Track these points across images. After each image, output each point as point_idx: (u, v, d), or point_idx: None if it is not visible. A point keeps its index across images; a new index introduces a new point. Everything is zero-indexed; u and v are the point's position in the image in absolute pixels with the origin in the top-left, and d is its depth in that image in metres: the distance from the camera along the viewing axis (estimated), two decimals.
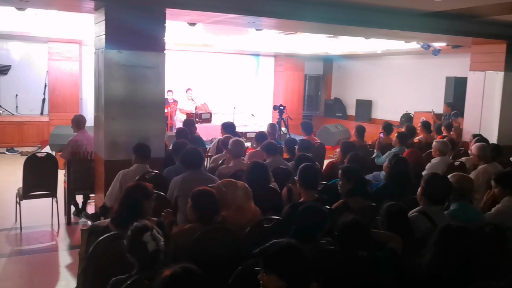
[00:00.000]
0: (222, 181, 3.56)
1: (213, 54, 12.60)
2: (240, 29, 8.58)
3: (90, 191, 6.06)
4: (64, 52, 10.99)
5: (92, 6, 5.53)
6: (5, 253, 4.97)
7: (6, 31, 9.62)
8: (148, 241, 2.39)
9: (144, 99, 5.53)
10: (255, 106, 13.54)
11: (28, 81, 11.14)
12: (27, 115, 11.04)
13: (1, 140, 10.61)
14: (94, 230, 3.20)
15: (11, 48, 11.12)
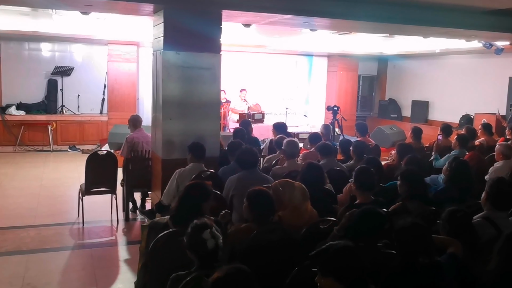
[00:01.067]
0: (279, 181, 3.57)
1: (266, 54, 12.63)
2: (294, 29, 8.58)
3: (147, 188, 6.24)
4: (123, 54, 11.38)
5: (151, 9, 5.70)
6: (69, 246, 5.21)
7: (70, 35, 10.07)
8: (208, 239, 2.44)
9: (200, 99, 5.64)
10: (307, 107, 13.48)
11: (89, 82, 11.62)
12: (88, 114, 11.52)
13: (64, 138, 11.14)
14: (154, 226, 3.29)
15: (74, 50, 11.64)
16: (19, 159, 9.93)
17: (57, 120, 11.05)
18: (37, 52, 11.39)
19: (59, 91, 11.36)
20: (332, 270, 2.18)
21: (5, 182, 7.86)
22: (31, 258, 4.77)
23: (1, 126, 10.54)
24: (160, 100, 5.64)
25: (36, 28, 9.68)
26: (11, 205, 6.60)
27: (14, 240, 5.25)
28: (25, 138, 10.81)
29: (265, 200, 3.31)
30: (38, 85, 11.29)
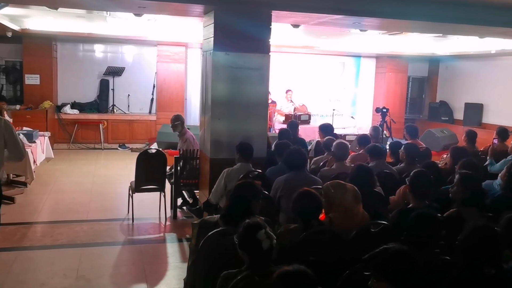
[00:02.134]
0: (331, 182, 3.52)
1: (313, 55, 12.54)
2: (342, 30, 8.48)
3: (195, 187, 6.33)
4: (172, 55, 11.61)
5: (202, 10, 5.77)
6: (119, 241, 5.36)
7: (122, 36, 10.38)
8: (263, 239, 2.43)
9: (248, 100, 5.67)
10: (354, 108, 13.28)
11: (139, 82, 11.91)
12: (137, 114, 11.82)
13: (114, 137, 11.48)
14: (204, 225, 3.33)
15: (125, 51, 11.97)
16: (73, 156, 10.32)
17: (108, 119, 11.41)
18: (91, 53, 11.80)
19: (111, 91, 11.71)
20: (387, 274, 2.12)
21: (60, 178, 8.17)
22: (84, 252, 4.93)
23: (57, 124, 10.99)
24: (209, 100, 5.71)
25: (91, 30, 10.06)
26: (65, 200, 6.86)
27: (69, 234, 5.45)
28: (78, 136, 11.22)
29: (313, 201, 3.28)
30: (91, 85, 11.69)
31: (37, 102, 10.86)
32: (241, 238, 2.55)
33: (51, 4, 6.31)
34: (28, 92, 11.04)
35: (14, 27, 9.17)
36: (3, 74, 11.38)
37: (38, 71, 11.03)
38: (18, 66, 11.44)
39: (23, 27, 9.77)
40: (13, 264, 4.53)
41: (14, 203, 6.50)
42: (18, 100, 11.25)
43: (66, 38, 10.97)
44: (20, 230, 5.49)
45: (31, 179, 6.63)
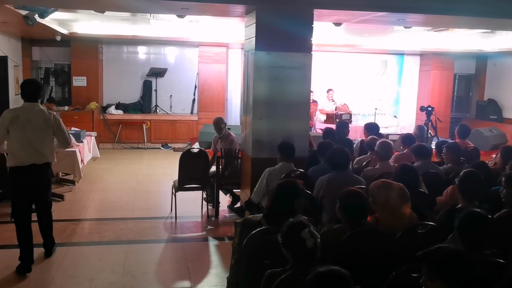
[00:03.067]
0: (376, 182, 3.47)
1: (354, 54, 12.38)
2: (386, 27, 8.31)
3: (236, 186, 6.37)
4: (213, 55, 11.73)
5: (243, 10, 5.80)
6: (163, 239, 5.47)
7: (165, 38, 10.59)
8: (307, 238, 2.42)
9: (290, 99, 5.66)
10: (397, 107, 13.01)
11: (181, 83, 12.11)
12: (179, 114, 12.01)
13: (157, 136, 11.72)
14: (247, 223, 3.35)
15: (168, 52, 12.20)
16: (117, 155, 10.60)
17: (151, 119, 11.67)
18: (134, 55, 12.09)
19: (153, 92, 11.96)
20: (442, 273, 2.06)
21: (106, 176, 8.42)
22: (130, 248, 5.06)
23: (102, 125, 11.32)
24: (250, 100, 5.73)
25: (135, 32, 10.31)
26: (111, 198, 7.06)
27: (115, 231, 5.60)
28: (122, 136, 11.53)
29: (358, 201, 3.23)
30: (134, 86, 11.99)
31: (84, 103, 11.24)
32: (285, 237, 2.54)
33: (98, 8, 6.51)
34: (75, 93, 11.43)
35: (63, 31, 9.52)
36: (53, 77, 11.83)
37: (85, 73, 11.41)
38: (66, 69, 11.87)
39: (71, 30, 10.14)
40: (64, 259, 4.70)
41: (64, 201, 6.75)
42: (66, 101, 11.66)
43: (111, 40, 11.31)
44: (70, 227, 5.69)
45: (79, 177, 6.86)
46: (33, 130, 4.43)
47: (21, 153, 4.42)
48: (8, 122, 4.37)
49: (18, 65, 10.62)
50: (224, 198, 6.61)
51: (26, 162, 4.43)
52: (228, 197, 6.64)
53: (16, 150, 4.43)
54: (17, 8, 6.25)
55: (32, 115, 4.43)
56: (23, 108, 4.49)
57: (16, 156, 4.44)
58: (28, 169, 4.44)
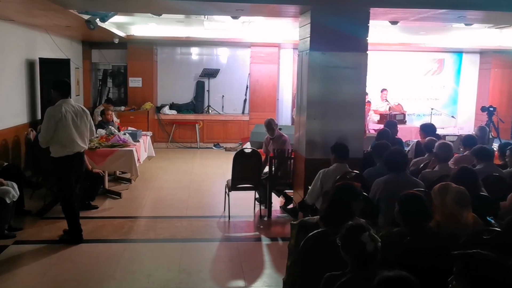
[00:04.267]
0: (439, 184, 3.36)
1: (410, 52, 12.05)
2: (444, 25, 8.04)
3: (288, 187, 6.36)
4: (265, 55, 11.77)
5: (298, 10, 5.78)
6: (217, 238, 5.54)
7: (218, 39, 10.73)
8: (367, 242, 2.38)
9: (344, 99, 5.59)
10: (454, 107, 12.55)
11: (232, 83, 12.23)
12: (231, 114, 12.13)
13: (209, 136, 11.90)
14: (303, 225, 3.32)
15: (220, 53, 12.36)
16: (171, 154, 10.85)
17: (203, 120, 11.86)
18: (188, 56, 12.34)
19: (206, 92, 12.15)
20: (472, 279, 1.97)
21: (160, 175, 8.63)
22: (185, 246, 5.16)
23: (156, 124, 11.62)
24: (304, 100, 5.71)
25: (189, 34, 10.51)
26: (166, 196, 7.22)
27: (170, 228, 5.72)
28: (176, 135, 11.78)
29: (418, 204, 3.13)
30: (187, 87, 12.23)
31: (139, 104, 11.57)
32: (344, 240, 2.50)
33: (155, 12, 6.68)
34: (131, 94, 11.80)
35: (121, 34, 9.85)
36: (110, 78, 12.27)
37: (140, 74, 11.75)
38: (122, 70, 12.28)
39: (128, 33, 10.48)
40: (122, 255, 4.86)
41: (121, 198, 6.97)
42: (122, 101, 12.06)
43: (165, 42, 11.59)
44: (127, 224, 5.87)
45: (136, 176, 7.05)
46: (78, 123, 5.11)
47: (70, 143, 5.04)
48: (58, 118, 4.93)
49: (78, 67, 11.08)
50: (276, 198, 6.61)
51: (73, 151, 5.08)
52: (281, 198, 6.63)
53: (66, 142, 5.02)
54: (80, 13, 6.51)
55: (74, 110, 5.10)
56: (66, 104, 5.04)
57: (66, 147, 5.03)
58: (73, 157, 5.09)
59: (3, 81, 7.21)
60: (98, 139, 7.24)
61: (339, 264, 2.62)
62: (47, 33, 8.93)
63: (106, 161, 6.84)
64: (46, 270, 4.44)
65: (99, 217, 6.12)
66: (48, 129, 4.95)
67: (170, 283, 4.23)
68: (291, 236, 3.43)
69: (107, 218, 6.05)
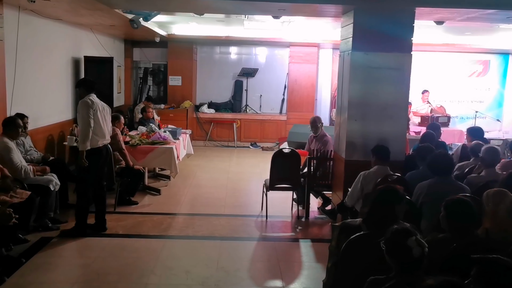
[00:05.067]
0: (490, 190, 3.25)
1: (453, 53, 11.72)
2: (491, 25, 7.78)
3: (327, 188, 6.30)
4: (304, 55, 11.73)
5: (340, 10, 5.72)
6: (254, 237, 5.55)
7: (257, 38, 10.76)
8: (413, 246, 2.32)
9: (386, 101, 5.51)
10: (500, 110, 12.12)
11: (270, 83, 12.23)
12: (268, 113, 12.14)
13: (247, 135, 11.94)
14: (345, 227, 3.28)
15: (259, 53, 12.38)
16: (209, 152, 10.95)
17: (241, 119, 11.92)
18: (227, 56, 12.42)
19: (244, 92, 12.20)
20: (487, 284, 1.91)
21: (198, 173, 8.72)
22: (223, 245, 5.19)
23: (195, 123, 11.75)
24: (345, 101, 5.65)
25: (228, 33, 10.59)
26: (204, 194, 7.30)
27: (208, 226, 5.77)
28: (213, 134, 11.89)
29: (465, 210, 3.04)
30: (226, 86, 12.31)
31: (179, 102, 11.74)
32: (389, 244, 2.45)
33: (198, 11, 6.75)
34: (171, 92, 11.98)
35: (162, 33, 10.02)
36: (150, 76, 12.49)
37: (180, 73, 11.91)
38: (162, 68, 12.48)
39: (169, 32, 10.65)
40: (162, 251, 4.93)
41: (160, 195, 7.09)
42: (162, 99, 12.26)
43: (205, 41, 11.71)
44: (166, 220, 5.96)
45: (175, 173, 7.15)
46: (105, 116, 5.33)
47: (101, 134, 5.23)
48: (91, 107, 5.11)
49: (120, 65, 11.33)
50: (314, 199, 6.57)
51: (103, 143, 5.28)
52: (319, 199, 6.58)
53: (98, 132, 5.19)
54: (124, 12, 6.66)
55: (101, 104, 5.31)
56: (94, 98, 5.20)
57: (98, 137, 5.19)
58: (100, 150, 5.26)
59: (50, 78, 7.45)
60: (139, 136, 7.40)
61: (382, 268, 2.57)
62: (92, 32, 9.17)
63: (147, 157, 6.97)
64: (89, 263, 4.56)
65: (139, 212, 6.24)
66: (88, 118, 5.06)
67: (208, 280, 4.27)
68: (332, 237, 3.40)
69: (147, 214, 6.16)
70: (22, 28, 6.27)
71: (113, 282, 4.18)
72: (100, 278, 4.25)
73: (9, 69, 5.94)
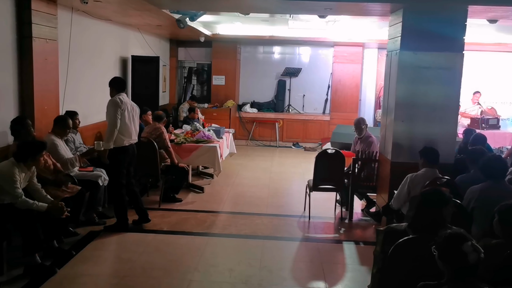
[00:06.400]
0: None
1: (507, 53, 11.26)
2: None
3: (371, 190, 6.19)
4: (348, 55, 11.59)
5: (388, 9, 5.60)
6: (297, 237, 5.52)
7: (301, 38, 10.71)
8: (469, 252, 2.24)
9: (435, 101, 5.37)
10: None
11: (314, 83, 12.14)
12: (311, 114, 12.05)
13: (289, 135, 11.91)
14: (391, 231, 3.21)
15: (302, 52, 12.32)
16: (250, 152, 11.00)
17: (283, 118, 11.90)
18: (270, 55, 12.43)
19: (287, 91, 12.17)
20: None
21: (240, 171, 8.77)
22: (266, 244, 5.19)
23: (238, 122, 11.82)
24: (392, 101, 5.54)
25: (272, 33, 10.59)
26: (246, 193, 7.32)
27: (250, 225, 5.79)
28: (255, 133, 11.93)
29: None
30: (269, 86, 12.32)
31: (222, 101, 11.84)
32: (443, 249, 2.37)
33: (244, 11, 6.78)
34: (214, 91, 12.10)
35: (207, 33, 10.13)
36: (195, 75, 12.67)
37: (223, 73, 12.02)
38: (206, 68, 12.63)
39: (214, 32, 10.75)
40: (205, 248, 4.99)
41: (203, 193, 7.17)
42: (205, 99, 12.40)
43: (249, 41, 11.76)
44: (210, 218, 6.02)
45: (219, 171, 7.22)
46: (133, 116, 5.38)
47: (128, 134, 5.29)
48: (120, 107, 5.16)
49: (166, 64, 11.54)
50: (357, 201, 6.47)
51: (130, 142, 5.34)
52: (363, 201, 6.48)
53: (125, 131, 5.26)
54: (172, 13, 6.78)
55: (130, 103, 5.39)
56: (124, 98, 5.27)
57: (124, 136, 5.25)
58: (127, 148, 5.33)
59: (99, 77, 7.67)
60: (184, 134, 7.51)
61: (431, 273, 2.51)
62: (139, 32, 9.38)
63: (191, 156, 7.07)
64: (135, 257, 4.67)
65: (183, 210, 6.33)
66: (115, 117, 5.12)
67: (251, 279, 4.27)
68: (377, 242, 3.33)
69: (191, 211, 6.24)
70: (74, 29, 6.49)
71: (158, 277, 4.26)
72: (146, 273, 4.34)
73: (62, 68, 6.16)
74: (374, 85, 11.93)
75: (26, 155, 4.29)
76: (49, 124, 5.53)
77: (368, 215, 6.11)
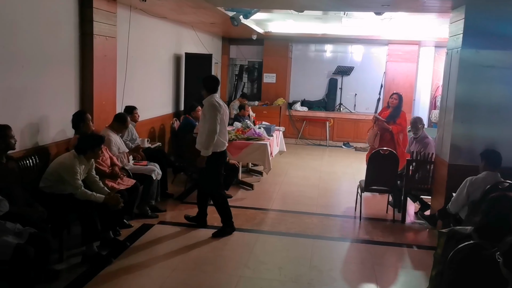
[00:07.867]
0: None
1: None
2: None
3: (426, 193, 5.99)
4: (403, 54, 11.29)
5: (450, 5, 5.40)
6: (347, 237, 5.42)
7: (354, 36, 10.54)
8: None
9: (499, 102, 5.15)
10: None
11: (366, 82, 11.91)
12: (363, 113, 11.83)
13: (339, 135, 11.76)
14: (453, 235, 3.09)
15: (354, 51, 12.11)
16: (300, 150, 10.93)
17: (334, 117, 11.76)
18: (322, 53, 12.31)
19: (338, 90, 12.02)
20: None
21: (290, 170, 8.73)
22: (315, 243, 5.13)
23: (287, 120, 11.79)
24: (451, 101, 5.34)
25: (325, 30, 10.48)
26: (295, 192, 7.28)
27: (300, 224, 5.74)
28: (305, 132, 11.85)
29: None
30: (320, 84, 12.21)
31: (272, 99, 11.84)
32: (509, 256, 2.25)
33: (298, 8, 6.74)
34: (265, 89, 12.13)
35: (259, 30, 10.15)
36: (246, 73, 12.74)
37: (275, 71, 12.02)
38: (257, 66, 12.66)
39: (266, 30, 10.76)
40: (255, 245, 4.99)
41: (253, 190, 7.19)
42: (255, 96, 12.44)
43: (300, 39, 11.69)
44: (259, 215, 6.03)
45: (268, 169, 7.21)
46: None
47: (225, 138, 5.19)
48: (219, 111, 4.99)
49: (218, 62, 11.67)
50: (410, 203, 6.28)
51: (224, 147, 5.19)
52: (416, 203, 6.29)
53: (224, 136, 5.15)
54: (226, 10, 6.83)
55: (224, 105, 5.13)
56: (220, 100, 5.08)
57: (223, 140, 5.13)
58: (223, 153, 5.22)
59: (154, 74, 7.87)
60: (235, 131, 7.56)
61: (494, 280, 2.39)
62: (193, 29, 9.53)
63: (242, 153, 7.10)
64: (187, 251, 4.74)
65: (233, 206, 6.28)
66: (215, 123, 4.91)
67: (301, 278, 4.24)
68: (438, 245, 3.22)
69: (240, 208, 6.26)
70: (132, 26, 6.67)
71: (210, 272, 4.30)
72: (198, 267, 4.39)
73: (121, 64, 6.34)
74: (430, 85, 11.56)
75: (86, 148, 4.45)
76: (106, 119, 5.72)
77: (423, 218, 5.92)
